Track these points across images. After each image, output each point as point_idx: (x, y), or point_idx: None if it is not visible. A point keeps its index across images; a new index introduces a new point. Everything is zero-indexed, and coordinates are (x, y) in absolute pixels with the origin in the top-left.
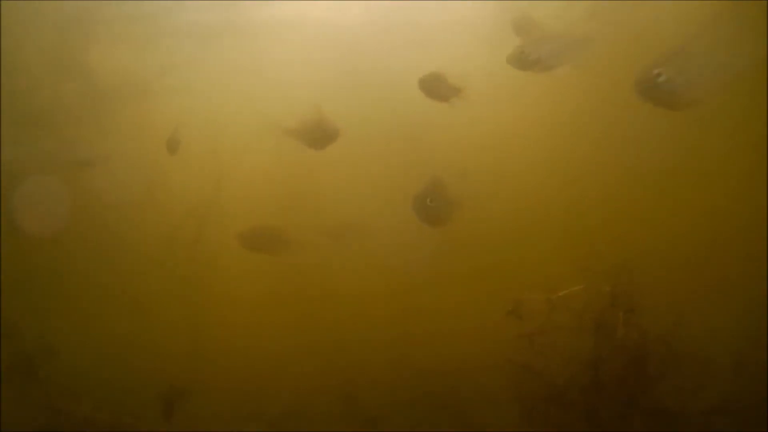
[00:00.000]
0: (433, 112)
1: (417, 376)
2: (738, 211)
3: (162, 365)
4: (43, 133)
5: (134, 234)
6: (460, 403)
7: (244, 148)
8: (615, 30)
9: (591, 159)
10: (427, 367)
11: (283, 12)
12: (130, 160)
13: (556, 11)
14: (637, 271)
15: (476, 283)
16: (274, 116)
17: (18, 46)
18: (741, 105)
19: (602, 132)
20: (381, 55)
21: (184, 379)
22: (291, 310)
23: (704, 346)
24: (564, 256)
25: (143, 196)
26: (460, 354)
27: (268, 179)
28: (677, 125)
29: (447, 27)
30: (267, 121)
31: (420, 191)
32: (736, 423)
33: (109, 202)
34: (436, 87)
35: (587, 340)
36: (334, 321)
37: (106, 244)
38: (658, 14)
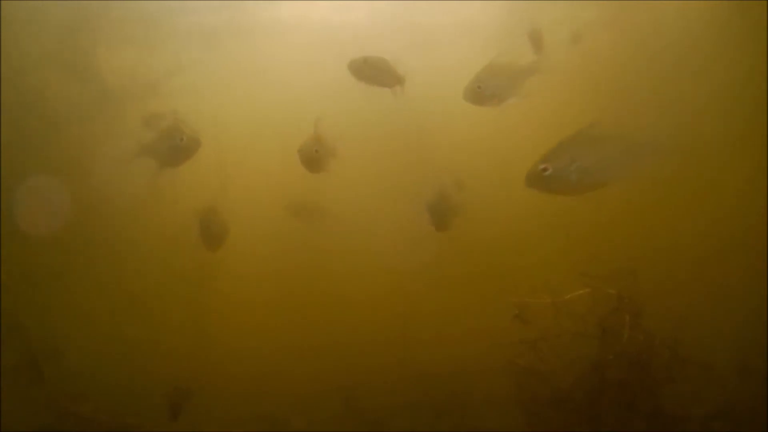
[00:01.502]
0: (437, 114)
1: (420, 378)
2: (743, 216)
3: (167, 366)
4: (49, 133)
5: (139, 235)
6: (463, 406)
7: (249, 148)
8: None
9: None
10: (430, 370)
11: (287, 13)
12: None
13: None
14: (642, 275)
15: (480, 286)
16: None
17: (25, 46)
18: (743, 107)
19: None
20: (386, 57)
21: (189, 380)
22: (295, 312)
23: (709, 351)
24: (569, 259)
25: (149, 196)
26: (463, 357)
27: (273, 179)
28: (682, 126)
29: (451, 29)
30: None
31: (431, 198)
32: (740, 427)
33: (116, 202)
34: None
35: (592, 343)
36: (338, 323)
37: (111, 245)
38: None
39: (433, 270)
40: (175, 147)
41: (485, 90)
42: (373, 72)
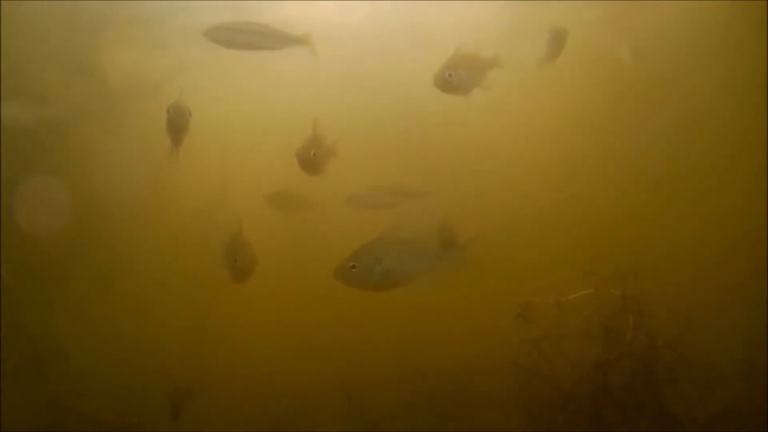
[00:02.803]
0: (440, 114)
1: (421, 378)
2: (748, 217)
3: (168, 366)
4: (51, 133)
5: (142, 234)
6: (465, 407)
7: (252, 148)
8: None
9: (602, 162)
10: (432, 370)
11: (291, 13)
12: (138, 160)
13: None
14: (647, 275)
15: (483, 285)
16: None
17: (27, 46)
18: (745, 108)
19: (613, 135)
20: (388, 57)
21: (191, 380)
22: (297, 311)
23: (713, 352)
24: (573, 259)
25: (151, 196)
26: (465, 356)
27: (276, 179)
28: (684, 127)
29: (452, 29)
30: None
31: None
32: (744, 428)
33: (118, 202)
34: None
35: (595, 344)
36: (341, 323)
37: (114, 245)
38: None
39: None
40: (186, 123)
41: (455, 79)
42: (241, 36)
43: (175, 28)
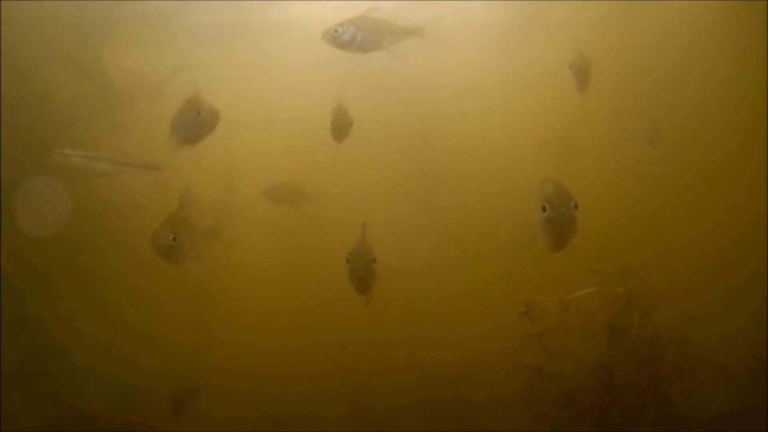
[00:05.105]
0: (444, 111)
1: (424, 377)
2: (753, 215)
3: (172, 364)
4: (56, 132)
5: (145, 233)
6: (468, 406)
7: (256, 148)
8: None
9: (605, 161)
10: (435, 370)
11: (294, 13)
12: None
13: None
14: (651, 274)
15: (488, 284)
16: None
17: (30, 45)
18: (746, 107)
19: (617, 134)
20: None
21: (194, 379)
22: (301, 311)
23: (718, 350)
24: (578, 257)
25: (155, 195)
26: (468, 356)
27: (280, 179)
28: (685, 127)
29: (457, 29)
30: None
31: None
32: (749, 427)
33: (121, 201)
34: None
35: (600, 342)
36: (344, 322)
37: (117, 243)
38: None
39: (440, 268)
40: (193, 121)
41: (342, 35)
42: None
43: (179, 28)
